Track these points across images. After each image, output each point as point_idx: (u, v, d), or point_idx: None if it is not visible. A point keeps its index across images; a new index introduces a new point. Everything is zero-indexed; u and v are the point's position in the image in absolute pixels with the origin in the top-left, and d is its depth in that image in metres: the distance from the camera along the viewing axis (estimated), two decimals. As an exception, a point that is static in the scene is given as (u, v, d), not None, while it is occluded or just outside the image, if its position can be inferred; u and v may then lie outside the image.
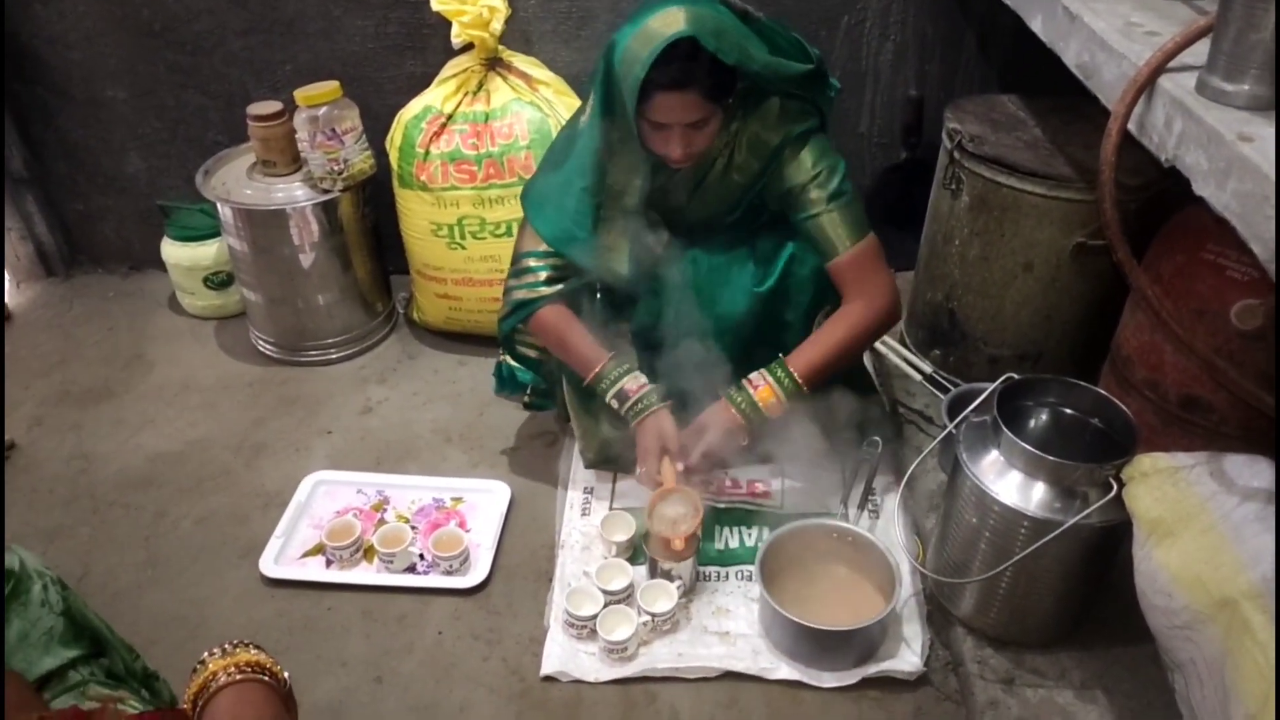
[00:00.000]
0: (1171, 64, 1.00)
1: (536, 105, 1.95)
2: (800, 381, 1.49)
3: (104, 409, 2.03)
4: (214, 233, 2.21)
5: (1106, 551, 1.30)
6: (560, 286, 1.58)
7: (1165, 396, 1.38)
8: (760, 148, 1.51)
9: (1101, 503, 1.21)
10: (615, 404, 1.58)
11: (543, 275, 1.57)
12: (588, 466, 1.80)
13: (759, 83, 1.46)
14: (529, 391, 1.91)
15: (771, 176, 1.53)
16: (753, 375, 1.52)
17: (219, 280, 2.26)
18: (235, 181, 2.05)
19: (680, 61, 1.33)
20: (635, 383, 1.56)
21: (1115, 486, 1.20)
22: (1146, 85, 1.01)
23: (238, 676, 0.91)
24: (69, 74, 2.20)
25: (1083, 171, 1.58)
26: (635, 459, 1.60)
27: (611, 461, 1.78)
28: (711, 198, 1.57)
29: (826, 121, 1.59)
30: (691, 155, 1.45)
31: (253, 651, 0.95)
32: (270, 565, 1.60)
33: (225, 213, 2.02)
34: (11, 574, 1.00)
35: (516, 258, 1.62)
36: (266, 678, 0.93)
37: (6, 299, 2.35)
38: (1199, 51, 0.97)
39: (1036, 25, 1.39)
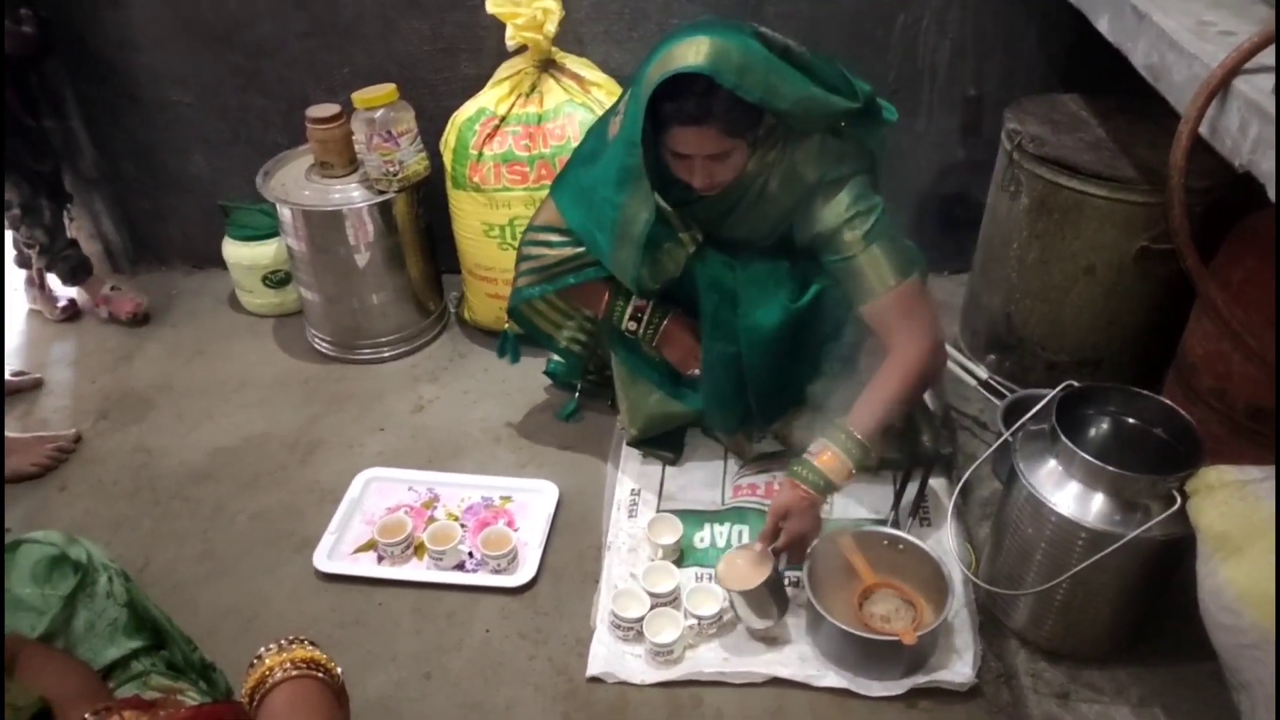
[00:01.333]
0: (1248, 65, 0.97)
1: (588, 107, 1.96)
2: (864, 442, 1.41)
3: (165, 404, 2.09)
4: (273, 232, 2.26)
5: (1168, 566, 1.27)
6: (590, 264, 1.62)
7: (1233, 406, 1.34)
8: (795, 183, 1.46)
9: (1164, 516, 1.18)
10: (634, 325, 1.66)
11: (569, 250, 1.62)
12: (629, 443, 1.83)
13: (789, 121, 1.41)
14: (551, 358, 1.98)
15: (802, 215, 1.48)
16: (812, 445, 1.44)
17: (277, 279, 2.31)
18: (294, 182, 2.09)
19: (696, 96, 1.31)
20: (642, 300, 1.65)
21: (1179, 499, 1.17)
22: (1220, 88, 0.98)
23: (293, 672, 0.93)
24: (136, 77, 2.27)
25: (1147, 174, 1.53)
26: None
27: (653, 444, 1.81)
28: (743, 224, 1.54)
29: (878, 160, 1.52)
30: (716, 185, 1.43)
31: (308, 648, 0.97)
32: (324, 560, 1.62)
33: (284, 213, 2.06)
34: (80, 566, 1.03)
35: (541, 228, 1.65)
36: (321, 674, 0.95)
37: (75, 296, 2.42)
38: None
39: (1103, 25, 1.35)
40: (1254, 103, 0.92)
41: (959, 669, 1.41)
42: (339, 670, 1.00)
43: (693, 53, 1.30)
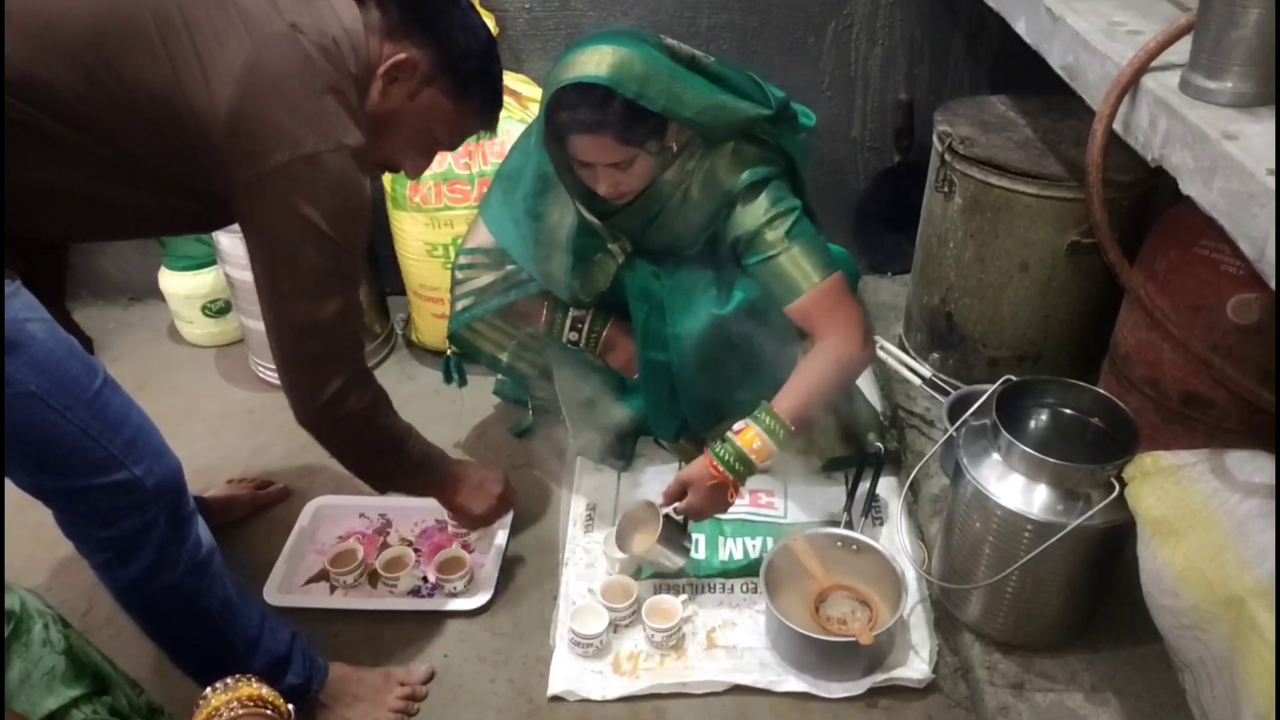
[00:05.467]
0: (1155, 63, 1.00)
1: (525, 122, 1.95)
2: (789, 424, 1.40)
3: (107, 441, 2.03)
4: (211, 261, 2.22)
5: (1111, 552, 1.30)
6: (525, 281, 1.64)
7: (1165, 394, 1.38)
8: (715, 189, 1.48)
9: (1104, 503, 1.21)
10: (575, 336, 1.68)
11: (502, 270, 1.65)
12: (578, 453, 1.85)
13: (699, 129, 1.42)
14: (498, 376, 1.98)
15: (724, 221, 1.50)
16: (736, 424, 1.42)
17: (217, 308, 2.27)
18: (230, 210, 2.05)
19: (590, 105, 1.32)
20: (579, 310, 1.67)
21: (1117, 487, 1.20)
22: (1130, 85, 1.01)
23: (240, 711, 0.91)
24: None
25: (1074, 170, 1.57)
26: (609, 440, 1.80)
27: (604, 450, 1.82)
28: (667, 232, 1.55)
29: (797, 164, 1.55)
30: (623, 193, 1.44)
31: (255, 685, 0.95)
32: (274, 594, 1.59)
33: (222, 240, 2.02)
34: (12, 615, 1.00)
35: (472, 250, 1.66)
36: (269, 711, 0.93)
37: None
38: (1182, 50, 0.97)
39: (1020, 27, 1.39)
40: (1161, 99, 0.95)
41: (916, 665, 1.42)
42: (289, 707, 0.98)
43: (594, 62, 1.31)
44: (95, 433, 1.09)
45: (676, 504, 1.46)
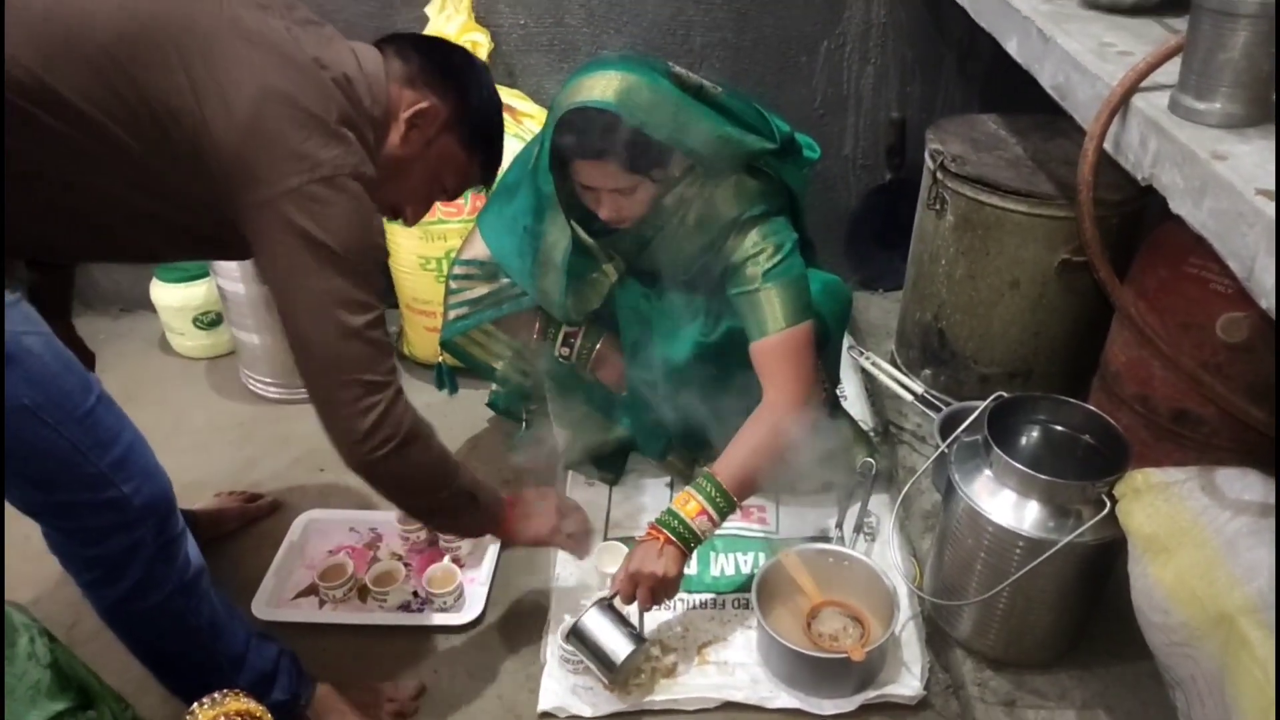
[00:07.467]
0: (1145, 83, 1.01)
1: (520, 138, 1.96)
2: (731, 493, 1.38)
3: (95, 453, 2.02)
4: (203, 273, 2.21)
5: (1102, 569, 1.30)
6: (517, 295, 1.64)
7: (1156, 411, 1.38)
8: (712, 220, 1.46)
9: (1095, 520, 1.21)
10: (566, 351, 1.67)
11: (497, 282, 1.65)
12: (567, 466, 1.84)
13: (701, 161, 1.42)
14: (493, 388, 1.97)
15: (716, 251, 1.49)
16: (679, 494, 1.41)
17: (209, 320, 2.26)
18: (223, 222, 2.05)
19: (597, 131, 1.32)
20: (571, 326, 1.66)
21: (1108, 504, 1.20)
22: (1120, 105, 1.02)
23: (227, 726, 0.90)
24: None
25: (1065, 188, 1.59)
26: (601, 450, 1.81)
27: (593, 465, 1.83)
28: (662, 257, 1.54)
29: (799, 199, 1.54)
30: (624, 219, 1.43)
31: (243, 700, 0.94)
32: (262, 607, 1.58)
33: (213, 253, 2.02)
34: (-4, 629, 0.99)
35: (468, 261, 1.66)
36: (256, 726, 0.92)
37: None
38: (1172, 71, 0.98)
39: (1012, 47, 1.40)
40: (1151, 119, 0.96)
41: (908, 682, 1.42)
42: (276, 721, 0.97)
43: (600, 87, 1.31)
44: (86, 449, 1.09)
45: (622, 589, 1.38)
